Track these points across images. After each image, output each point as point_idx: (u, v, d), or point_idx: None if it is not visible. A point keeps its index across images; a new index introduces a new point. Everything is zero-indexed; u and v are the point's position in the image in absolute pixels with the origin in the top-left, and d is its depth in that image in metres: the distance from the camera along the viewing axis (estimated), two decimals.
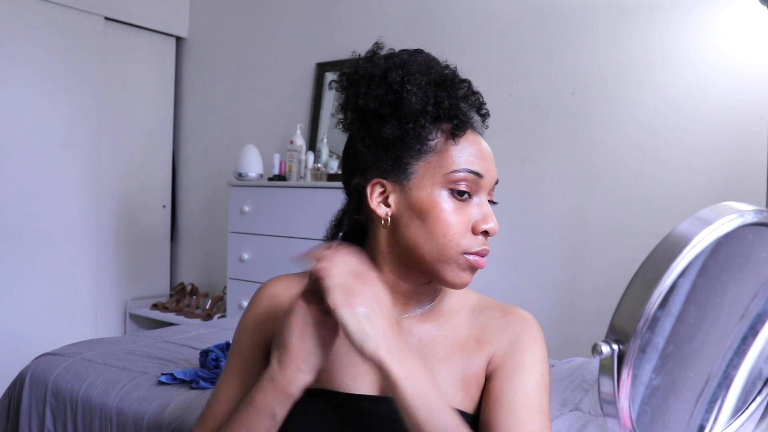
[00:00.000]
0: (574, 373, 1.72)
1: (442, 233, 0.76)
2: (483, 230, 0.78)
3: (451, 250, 0.77)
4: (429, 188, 0.77)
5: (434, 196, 0.77)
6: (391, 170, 0.79)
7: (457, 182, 0.77)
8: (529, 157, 2.50)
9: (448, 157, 0.77)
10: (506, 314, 0.85)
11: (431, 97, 0.77)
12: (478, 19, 2.63)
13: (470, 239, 0.78)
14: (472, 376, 0.81)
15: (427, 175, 0.78)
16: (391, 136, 0.78)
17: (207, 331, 2.19)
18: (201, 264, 3.63)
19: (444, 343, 0.83)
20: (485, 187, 0.80)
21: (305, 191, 2.71)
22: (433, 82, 0.78)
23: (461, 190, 0.77)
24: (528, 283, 2.48)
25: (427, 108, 0.77)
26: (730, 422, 0.60)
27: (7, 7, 2.85)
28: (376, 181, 0.80)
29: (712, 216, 0.48)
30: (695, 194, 2.14)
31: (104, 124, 3.25)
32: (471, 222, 0.78)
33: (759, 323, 0.58)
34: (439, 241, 0.77)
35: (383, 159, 0.79)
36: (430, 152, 0.78)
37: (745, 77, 2.07)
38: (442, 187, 0.77)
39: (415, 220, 0.78)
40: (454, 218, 0.77)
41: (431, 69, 0.79)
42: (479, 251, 0.78)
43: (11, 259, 2.90)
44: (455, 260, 0.77)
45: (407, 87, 0.76)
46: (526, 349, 0.81)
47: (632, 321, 0.45)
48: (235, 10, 3.47)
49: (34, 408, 1.66)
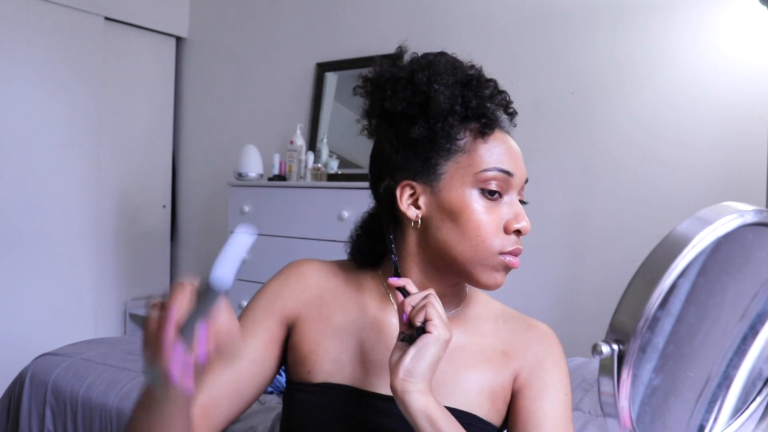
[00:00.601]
0: (574, 373, 1.72)
1: (474, 233, 0.76)
2: (515, 229, 0.78)
3: (484, 250, 0.76)
4: (459, 188, 0.77)
5: (465, 196, 0.77)
6: (421, 171, 0.79)
7: (488, 181, 0.77)
8: (529, 157, 2.48)
9: (478, 157, 0.77)
10: (530, 328, 0.86)
11: (458, 97, 0.77)
12: (478, 19, 2.63)
13: (503, 239, 0.78)
14: (499, 389, 0.82)
15: (456, 175, 0.77)
16: (420, 136, 0.77)
17: None
18: (201, 264, 3.63)
19: (471, 351, 0.83)
20: (515, 186, 0.80)
21: (305, 191, 2.71)
22: (460, 81, 0.78)
23: (492, 189, 0.77)
24: (528, 283, 2.48)
25: (455, 107, 0.77)
26: (730, 422, 0.60)
27: (7, 7, 2.85)
28: (405, 183, 0.80)
29: (712, 216, 0.48)
30: (695, 194, 2.14)
31: (104, 124, 3.25)
32: (503, 221, 0.78)
33: (759, 323, 0.58)
34: (472, 241, 0.76)
35: (412, 160, 0.79)
36: (459, 152, 0.78)
37: (745, 77, 2.07)
38: (473, 186, 0.77)
39: (447, 222, 0.78)
40: (486, 218, 0.77)
41: (457, 69, 0.79)
42: (513, 250, 0.78)
43: (11, 259, 2.90)
44: (489, 261, 0.77)
45: (434, 87, 0.76)
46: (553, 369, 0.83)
47: (632, 321, 0.45)
48: (235, 10, 3.47)
49: (34, 408, 1.66)
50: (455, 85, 0.78)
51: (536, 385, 0.81)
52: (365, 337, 0.82)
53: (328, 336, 0.83)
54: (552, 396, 0.80)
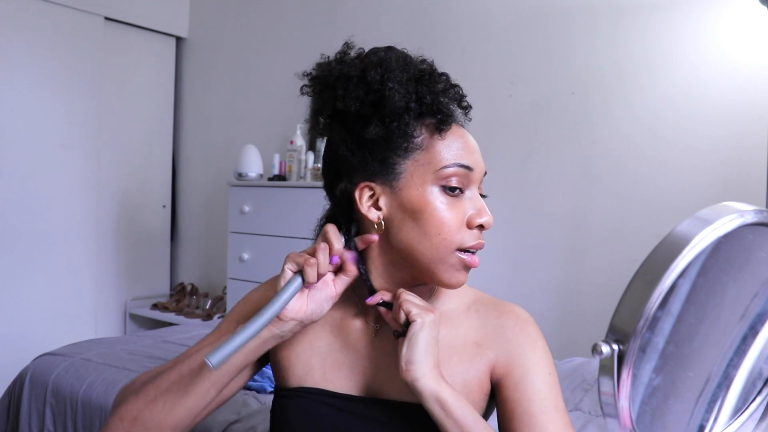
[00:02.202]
0: (574, 373, 1.72)
1: (437, 231, 0.75)
2: (478, 224, 0.77)
3: (445, 248, 0.76)
4: (420, 186, 0.76)
5: (426, 194, 0.76)
6: (379, 172, 0.77)
7: (448, 178, 0.76)
8: (529, 157, 2.50)
9: (436, 153, 0.76)
10: (502, 314, 0.84)
11: (412, 94, 0.76)
12: (478, 19, 2.63)
13: (466, 234, 0.77)
14: (473, 381, 0.81)
15: (416, 174, 0.76)
16: (376, 136, 0.76)
17: (207, 331, 2.19)
18: (201, 264, 3.63)
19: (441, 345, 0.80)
20: (475, 180, 0.79)
21: (305, 191, 2.71)
22: (413, 78, 0.77)
23: (453, 186, 0.76)
24: (528, 283, 2.48)
25: (410, 105, 0.76)
26: (730, 422, 0.60)
27: (7, 7, 2.85)
28: (364, 185, 0.78)
29: (712, 216, 0.48)
30: (695, 194, 2.14)
31: (104, 124, 3.25)
32: (465, 217, 0.77)
33: (759, 323, 0.58)
34: (434, 239, 0.75)
35: (369, 161, 0.77)
36: (416, 149, 0.77)
37: (745, 77, 2.07)
38: (433, 183, 0.76)
39: (409, 221, 0.76)
40: (449, 215, 0.76)
41: (409, 65, 0.78)
42: (474, 245, 0.77)
43: (11, 259, 2.90)
44: (449, 259, 0.76)
45: (389, 85, 0.75)
46: (530, 351, 0.80)
47: (632, 321, 0.45)
48: (235, 10, 3.47)
49: (34, 408, 1.66)
50: (409, 82, 0.76)
51: (516, 371, 0.80)
52: (332, 340, 0.84)
53: (299, 341, 0.84)
54: (534, 378, 0.79)
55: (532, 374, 0.79)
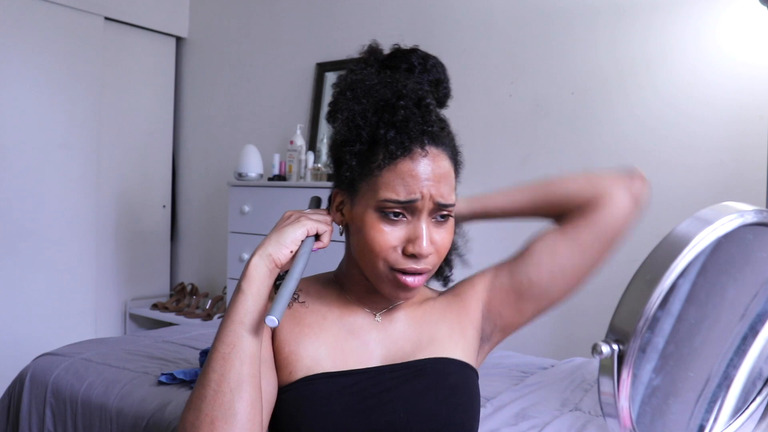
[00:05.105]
0: (574, 373, 1.73)
1: (369, 248, 0.80)
2: (410, 252, 0.80)
3: (377, 266, 0.81)
4: (365, 207, 0.81)
5: (367, 214, 0.81)
6: (345, 184, 0.84)
7: (387, 208, 0.79)
8: (529, 157, 2.49)
9: (382, 183, 0.79)
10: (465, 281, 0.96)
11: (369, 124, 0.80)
12: (478, 19, 2.63)
13: (399, 258, 0.80)
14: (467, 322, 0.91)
15: (366, 196, 0.81)
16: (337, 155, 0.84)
17: (207, 331, 2.19)
18: (201, 264, 3.63)
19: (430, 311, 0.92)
20: (422, 210, 0.80)
21: (305, 191, 2.71)
22: (373, 107, 0.81)
23: (394, 212, 0.79)
24: None
25: (361, 133, 0.80)
26: (730, 422, 0.60)
27: (7, 7, 2.85)
28: (336, 191, 0.87)
29: (712, 216, 0.48)
30: (695, 194, 2.14)
31: (104, 124, 3.25)
32: (401, 241, 0.80)
33: (759, 323, 0.58)
34: (368, 255, 0.81)
35: (341, 172, 0.84)
36: (370, 174, 0.80)
37: (745, 77, 2.07)
38: (374, 208, 0.80)
39: (356, 234, 0.84)
40: (380, 237, 0.80)
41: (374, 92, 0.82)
42: (406, 269, 0.80)
43: (11, 258, 2.90)
44: (385, 275, 0.81)
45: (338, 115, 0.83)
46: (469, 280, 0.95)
47: (632, 321, 0.45)
48: (235, 10, 3.47)
49: (34, 408, 1.66)
50: (368, 111, 0.81)
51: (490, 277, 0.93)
52: (338, 330, 0.88)
53: (304, 336, 0.87)
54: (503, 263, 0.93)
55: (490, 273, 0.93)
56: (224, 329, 0.78)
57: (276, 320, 0.73)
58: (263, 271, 0.80)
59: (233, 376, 0.75)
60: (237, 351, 0.76)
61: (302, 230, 0.82)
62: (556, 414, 1.41)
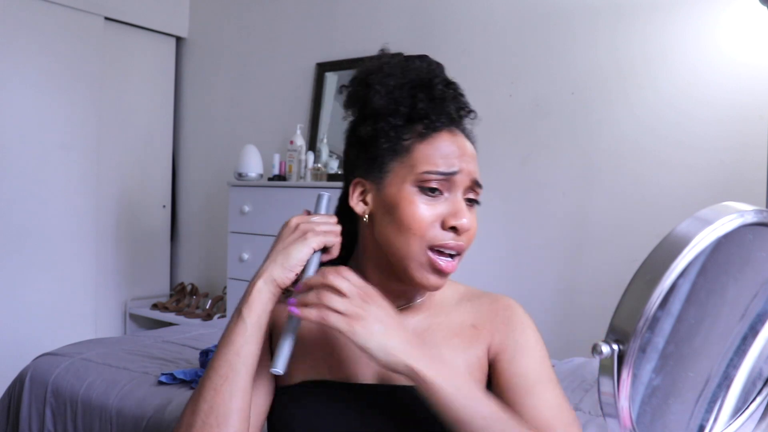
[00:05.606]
0: (574, 373, 1.72)
1: (408, 225, 0.78)
2: (451, 225, 0.78)
3: (416, 243, 0.77)
4: (400, 185, 0.79)
5: (404, 191, 0.79)
6: (370, 169, 0.82)
7: (427, 181, 0.78)
8: (529, 157, 2.49)
9: (420, 157, 0.79)
10: (494, 301, 0.89)
11: (406, 98, 0.80)
12: (478, 19, 2.63)
13: (438, 232, 0.78)
14: (474, 361, 0.84)
15: (400, 174, 0.79)
16: (366, 135, 0.81)
17: (207, 331, 2.19)
18: (201, 264, 3.63)
19: (439, 330, 0.85)
20: (460, 185, 0.80)
21: (305, 191, 2.71)
22: (410, 83, 0.81)
23: (432, 187, 0.78)
24: (528, 283, 2.48)
25: (399, 108, 0.80)
26: (730, 422, 0.60)
27: (7, 7, 2.85)
28: (357, 181, 0.84)
29: (712, 216, 0.48)
30: (695, 194, 2.14)
31: (104, 124, 3.25)
32: (440, 216, 0.79)
33: (759, 323, 0.58)
34: (406, 234, 0.78)
35: (362, 158, 0.83)
36: (403, 152, 0.80)
37: (745, 77, 2.07)
38: (412, 184, 0.79)
39: (387, 216, 0.80)
40: (421, 210, 0.78)
41: (409, 71, 0.82)
42: (447, 244, 0.78)
43: (11, 259, 2.90)
44: (419, 257, 0.78)
45: (375, 87, 0.80)
46: (520, 330, 0.85)
47: (632, 321, 0.45)
48: (235, 10, 3.47)
49: (34, 408, 1.66)
50: (403, 87, 0.80)
51: (510, 347, 0.83)
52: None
53: (307, 338, 0.86)
54: (527, 353, 0.83)
55: (525, 350, 0.83)
56: (220, 357, 0.77)
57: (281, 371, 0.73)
58: (266, 297, 0.78)
59: (222, 411, 0.75)
60: (229, 384, 0.76)
61: (308, 249, 0.79)
62: None
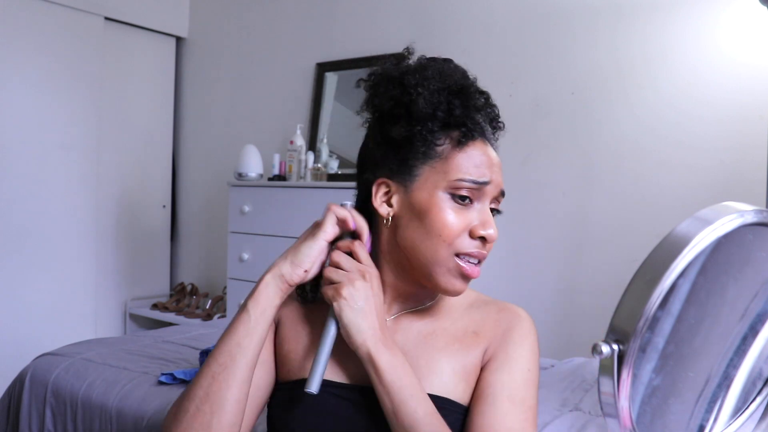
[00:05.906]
0: (574, 373, 1.72)
1: (438, 232, 0.78)
2: (480, 235, 0.79)
3: (444, 250, 0.78)
4: (431, 190, 0.79)
5: (435, 197, 0.78)
6: (398, 171, 0.81)
7: (459, 189, 0.78)
8: (529, 157, 2.49)
9: (454, 164, 0.79)
10: (502, 310, 0.87)
11: (444, 103, 0.79)
12: (478, 19, 2.63)
13: (466, 240, 0.79)
14: (471, 368, 0.83)
15: (431, 179, 0.79)
16: (400, 137, 0.80)
17: (207, 331, 2.19)
18: (201, 264, 3.63)
19: (443, 335, 0.85)
20: (489, 194, 0.81)
21: (305, 191, 2.71)
22: (448, 89, 0.80)
23: (463, 195, 0.78)
24: (528, 283, 2.48)
25: (437, 113, 0.79)
26: (730, 422, 0.60)
27: (7, 7, 2.85)
28: (381, 181, 0.82)
29: (712, 216, 0.48)
30: (695, 194, 2.14)
31: (104, 124, 3.25)
32: (469, 225, 0.79)
33: (759, 323, 0.58)
34: (434, 240, 0.78)
35: (391, 159, 0.81)
36: (436, 157, 0.79)
37: (745, 77, 2.07)
38: (444, 190, 0.79)
39: (415, 220, 0.79)
40: (452, 218, 0.78)
41: (448, 76, 0.81)
42: (473, 253, 0.79)
43: (11, 259, 2.90)
44: (446, 262, 0.78)
45: (418, 90, 0.79)
46: (517, 342, 0.83)
47: (632, 321, 0.45)
48: (235, 10, 3.47)
49: (34, 408, 1.66)
50: (442, 92, 0.80)
51: (499, 358, 0.82)
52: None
53: (305, 334, 0.87)
54: (512, 368, 0.81)
55: (512, 364, 0.81)
56: (220, 347, 0.78)
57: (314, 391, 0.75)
58: (272, 292, 0.79)
59: (217, 399, 0.75)
60: (227, 373, 0.76)
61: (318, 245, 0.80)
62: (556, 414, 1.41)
